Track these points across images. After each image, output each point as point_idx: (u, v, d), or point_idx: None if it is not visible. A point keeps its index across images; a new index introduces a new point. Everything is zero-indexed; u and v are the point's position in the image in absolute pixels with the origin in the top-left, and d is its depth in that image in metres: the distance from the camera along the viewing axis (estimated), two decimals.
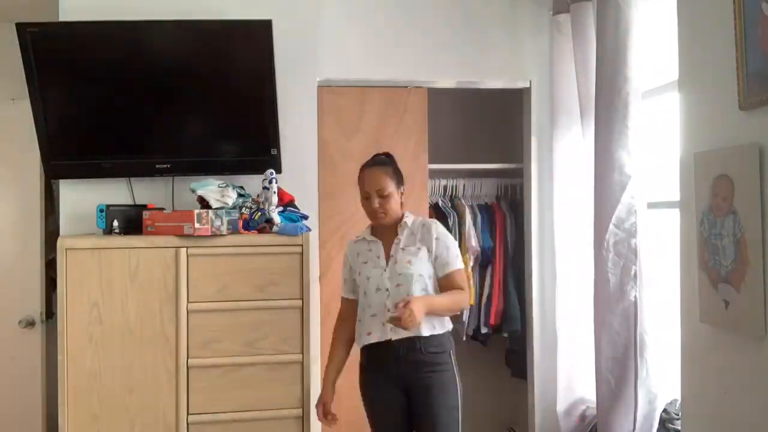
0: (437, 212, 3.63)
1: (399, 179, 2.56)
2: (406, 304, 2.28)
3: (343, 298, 2.66)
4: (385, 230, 2.56)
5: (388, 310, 2.42)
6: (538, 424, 3.37)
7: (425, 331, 2.42)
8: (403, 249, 2.50)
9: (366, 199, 2.53)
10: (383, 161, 2.58)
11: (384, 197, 2.49)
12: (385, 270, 2.50)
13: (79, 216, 3.00)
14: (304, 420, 2.74)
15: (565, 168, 3.20)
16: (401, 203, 2.56)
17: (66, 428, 2.63)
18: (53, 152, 2.94)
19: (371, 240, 2.58)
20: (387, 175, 2.51)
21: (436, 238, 2.50)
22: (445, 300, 2.46)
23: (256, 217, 2.84)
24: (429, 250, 2.49)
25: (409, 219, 2.56)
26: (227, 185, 2.88)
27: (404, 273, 2.46)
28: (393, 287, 2.47)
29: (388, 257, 2.52)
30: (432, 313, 2.40)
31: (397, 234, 2.54)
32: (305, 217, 2.97)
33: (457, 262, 2.51)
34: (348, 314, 2.62)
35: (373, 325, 2.48)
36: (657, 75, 2.73)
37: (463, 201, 3.67)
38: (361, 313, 2.55)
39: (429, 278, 2.48)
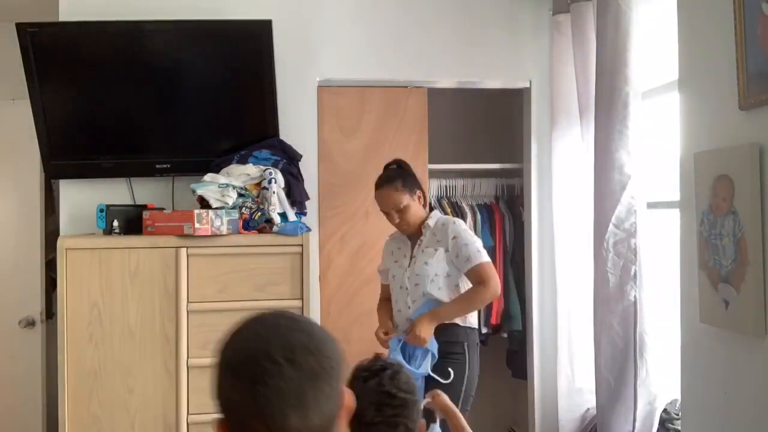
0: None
1: (411, 187, 2.70)
2: (411, 328, 2.56)
3: (381, 284, 2.91)
4: (413, 233, 2.74)
5: (408, 307, 2.67)
6: (538, 425, 3.37)
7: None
8: (423, 250, 2.67)
9: (387, 214, 2.71)
10: (390, 177, 2.71)
11: (401, 211, 2.67)
12: (406, 270, 2.70)
13: (79, 216, 3.00)
14: None
15: (564, 168, 3.20)
16: (422, 205, 2.73)
17: (66, 428, 2.63)
18: (53, 152, 2.94)
19: (402, 239, 2.79)
20: (396, 191, 2.66)
21: (453, 237, 2.63)
22: (455, 306, 2.63)
23: (256, 217, 2.84)
24: (446, 250, 2.64)
25: (431, 221, 2.70)
26: (227, 185, 2.88)
27: (420, 273, 2.65)
28: (412, 286, 2.67)
29: (411, 257, 2.71)
30: (443, 321, 2.61)
31: (422, 235, 2.70)
32: (303, 213, 2.97)
33: (477, 257, 2.60)
34: (386, 295, 2.86)
35: (398, 319, 2.72)
36: (657, 75, 2.73)
37: (463, 201, 3.68)
38: (392, 305, 2.77)
39: (446, 277, 2.64)
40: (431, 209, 2.85)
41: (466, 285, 2.68)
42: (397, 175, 2.71)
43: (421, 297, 2.64)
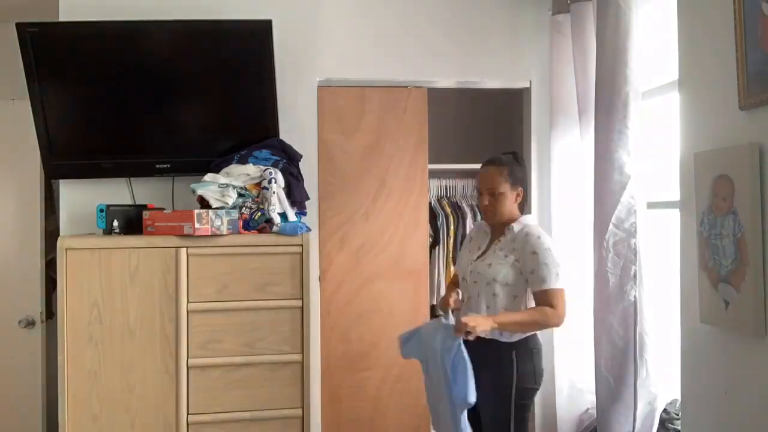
0: (435, 212, 3.63)
1: (516, 180, 2.57)
2: (466, 324, 2.31)
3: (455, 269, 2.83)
4: (497, 228, 2.61)
5: (462, 301, 2.59)
6: (537, 425, 3.37)
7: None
8: (495, 252, 2.54)
9: (480, 195, 2.59)
10: (501, 160, 2.59)
11: (494, 196, 2.54)
12: (471, 263, 2.59)
13: (79, 216, 3.00)
14: (304, 420, 2.74)
15: (564, 168, 3.20)
16: (519, 204, 2.59)
17: (66, 428, 2.63)
18: (53, 152, 2.94)
19: (485, 231, 2.66)
20: (500, 175, 2.55)
21: (533, 252, 2.46)
22: (516, 318, 2.44)
23: (256, 217, 2.84)
24: (518, 260, 2.48)
25: (517, 226, 2.55)
26: (227, 185, 2.88)
27: (482, 272, 2.53)
28: (471, 282, 2.56)
29: (484, 252, 2.58)
30: (499, 328, 2.40)
31: (503, 235, 2.57)
32: (303, 213, 2.97)
33: (552, 281, 2.42)
34: (454, 281, 2.78)
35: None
36: (657, 75, 2.73)
37: (463, 201, 3.67)
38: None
39: (504, 286, 2.48)
40: (522, 212, 2.66)
41: (524, 300, 2.52)
42: (507, 162, 2.58)
43: (476, 297, 2.52)
